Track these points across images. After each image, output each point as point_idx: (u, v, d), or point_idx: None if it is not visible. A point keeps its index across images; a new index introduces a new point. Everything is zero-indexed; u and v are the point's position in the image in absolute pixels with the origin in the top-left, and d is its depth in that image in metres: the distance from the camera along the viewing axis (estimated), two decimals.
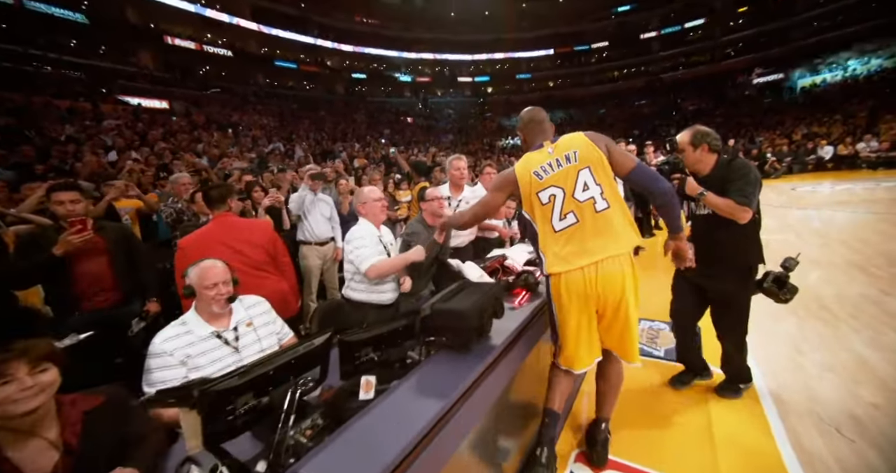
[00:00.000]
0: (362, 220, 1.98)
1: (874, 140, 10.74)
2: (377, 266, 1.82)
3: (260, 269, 2.07)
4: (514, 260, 2.29)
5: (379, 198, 1.99)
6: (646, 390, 2.02)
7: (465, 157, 2.86)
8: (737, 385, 1.85)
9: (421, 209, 2.36)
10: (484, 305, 1.21)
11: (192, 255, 1.90)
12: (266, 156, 7.38)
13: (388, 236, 2.07)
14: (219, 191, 2.13)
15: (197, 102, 17.27)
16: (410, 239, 2.21)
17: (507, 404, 1.39)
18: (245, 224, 2.16)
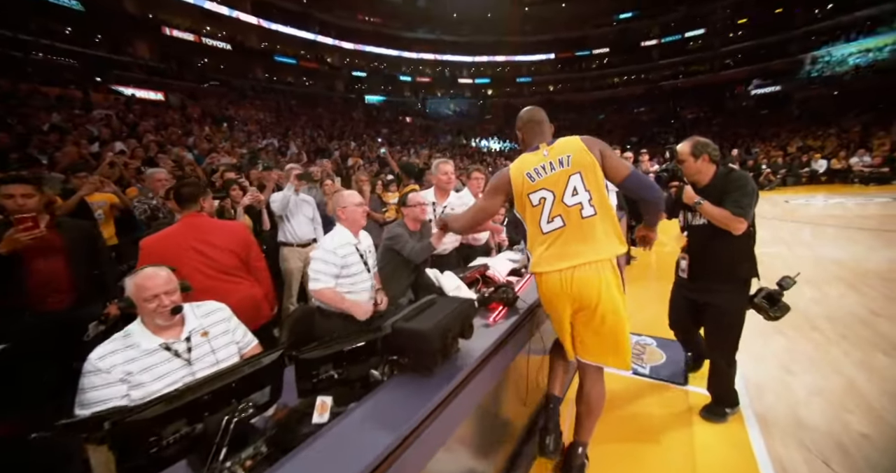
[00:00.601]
0: (339, 228, 1.86)
1: (867, 155, 10.83)
2: (322, 293, 1.74)
3: (229, 274, 1.95)
4: (496, 271, 2.20)
5: (360, 203, 1.88)
6: (627, 411, 1.95)
7: (453, 161, 2.77)
8: (723, 408, 1.80)
9: (402, 214, 2.26)
10: (449, 325, 1.12)
11: (154, 257, 1.80)
12: (257, 151, 7.24)
13: (366, 242, 1.97)
14: (190, 189, 2.01)
15: (193, 95, 17.03)
16: (393, 244, 2.12)
17: (475, 429, 1.30)
18: (216, 225, 2.05)
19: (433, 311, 1.17)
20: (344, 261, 1.77)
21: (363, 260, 1.85)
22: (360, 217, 1.87)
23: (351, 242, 1.82)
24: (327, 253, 1.74)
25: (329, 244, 1.78)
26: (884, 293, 3.15)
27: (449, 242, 2.58)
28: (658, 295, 3.39)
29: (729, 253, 1.65)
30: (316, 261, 1.75)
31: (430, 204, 2.52)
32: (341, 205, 1.85)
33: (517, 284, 2.06)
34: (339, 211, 1.85)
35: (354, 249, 1.82)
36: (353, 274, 1.81)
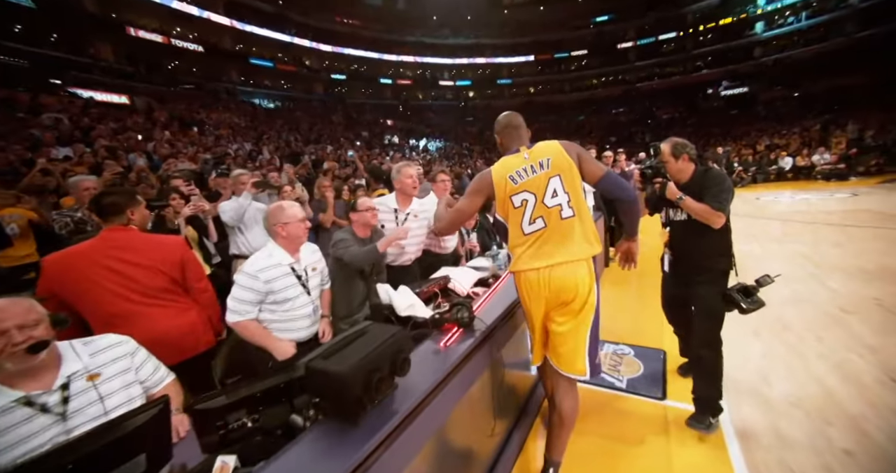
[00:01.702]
0: (271, 247, 1.61)
1: (826, 152, 11.34)
2: (243, 327, 1.53)
3: (156, 297, 1.69)
4: (458, 283, 2.03)
5: (303, 219, 1.63)
6: (601, 430, 1.80)
7: (415, 164, 2.59)
8: (707, 417, 1.75)
9: (350, 220, 2.06)
10: (376, 363, 0.94)
11: (53, 278, 1.54)
12: (223, 157, 6.86)
13: (310, 258, 1.73)
14: (113, 198, 1.74)
15: (163, 98, 16.31)
16: (335, 250, 1.92)
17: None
18: (143, 241, 1.77)
19: (359, 345, 0.98)
20: (269, 287, 1.52)
21: (302, 282, 1.62)
22: (302, 233, 1.63)
23: (284, 262, 1.58)
24: (248, 279, 1.50)
25: (251, 267, 1.52)
26: (852, 289, 3.15)
27: (410, 251, 2.39)
28: (637, 300, 3.31)
29: (708, 247, 1.73)
30: (235, 288, 1.51)
31: (393, 210, 2.34)
32: (281, 220, 1.58)
33: (482, 296, 1.90)
34: (277, 227, 1.58)
35: (289, 270, 1.59)
36: (287, 299, 1.57)
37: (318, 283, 1.74)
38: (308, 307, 1.64)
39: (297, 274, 1.61)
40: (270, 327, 1.58)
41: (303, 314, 1.62)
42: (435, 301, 1.83)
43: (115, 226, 1.73)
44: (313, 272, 1.70)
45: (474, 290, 2.13)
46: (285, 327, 1.60)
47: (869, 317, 2.61)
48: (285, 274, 1.57)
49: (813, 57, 20.48)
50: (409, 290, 1.74)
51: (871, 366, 2.03)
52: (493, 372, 1.56)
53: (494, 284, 2.08)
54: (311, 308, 1.66)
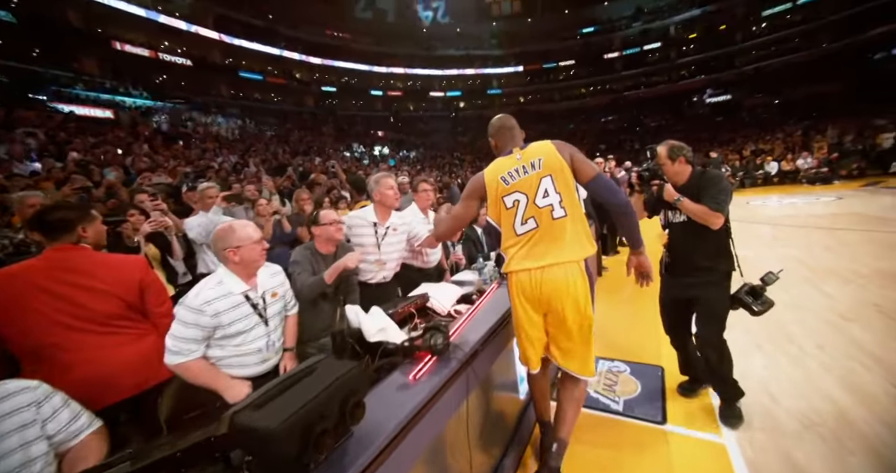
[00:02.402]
0: (221, 274, 1.38)
1: (809, 157, 11.63)
2: (186, 369, 1.29)
3: (106, 324, 1.51)
4: (438, 301, 1.87)
5: (259, 240, 1.43)
6: (595, 458, 1.63)
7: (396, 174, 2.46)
8: (734, 407, 1.79)
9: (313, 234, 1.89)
10: (321, 411, 0.77)
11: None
12: (205, 170, 6.68)
13: (270, 282, 1.52)
14: (62, 214, 1.56)
15: (149, 112, 16.15)
16: (293, 271, 1.75)
17: None
18: (95, 261, 1.56)
19: (300, 390, 0.81)
20: (217, 321, 1.31)
21: (259, 311, 1.42)
22: (258, 256, 1.42)
23: (236, 291, 1.37)
24: (191, 313, 1.28)
25: (195, 299, 1.29)
26: (849, 295, 3.06)
27: (389, 268, 2.23)
28: (632, 312, 3.17)
29: (707, 248, 1.73)
30: (175, 324, 1.29)
31: (371, 224, 2.17)
32: (231, 244, 1.36)
33: (464, 315, 1.74)
34: (228, 252, 1.36)
35: (243, 299, 1.38)
36: (240, 332, 1.37)
37: (279, 310, 1.53)
38: (264, 339, 1.44)
39: (252, 303, 1.40)
40: (220, 363, 1.38)
41: (258, 347, 1.42)
42: (411, 322, 1.67)
43: (63, 244, 1.55)
44: (273, 299, 1.49)
45: (456, 308, 1.96)
46: (238, 362, 1.39)
47: (870, 324, 2.51)
48: (238, 305, 1.36)
49: (791, 66, 21.24)
50: (381, 312, 1.58)
51: (879, 377, 1.91)
52: (475, 403, 1.39)
53: (478, 300, 1.93)
54: (268, 340, 1.46)
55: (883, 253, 4.01)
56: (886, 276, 3.36)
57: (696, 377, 2.01)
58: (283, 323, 1.59)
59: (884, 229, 4.95)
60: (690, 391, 2.00)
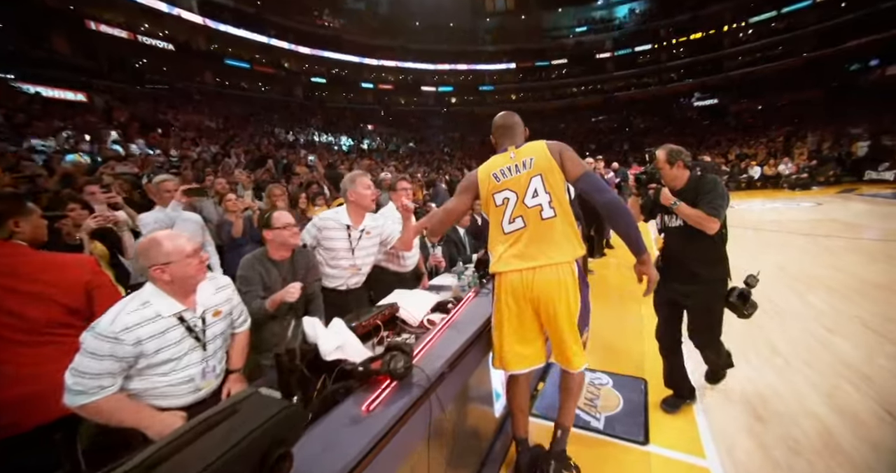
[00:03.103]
0: (149, 292, 1.15)
1: (790, 162, 11.91)
2: (91, 410, 1.04)
3: (43, 333, 1.31)
4: (409, 310, 1.72)
5: (193, 252, 1.20)
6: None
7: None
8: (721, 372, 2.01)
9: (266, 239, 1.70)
10: (236, 468, 0.62)
11: None
12: (181, 160, 6.34)
13: (209, 301, 1.28)
14: None
15: (126, 97, 15.39)
16: (239, 288, 1.56)
17: None
18: (31, 261, 1.36)
19: (214, 439, 0.65)
20: (139, 350, 1.08)
21: (195, 334, 1.20)
22: (194, 272, 1.19)
23: (166, 313, 1.15)
24: (104, 343, 1.03)
25: (109, 326, 1.05)
26: (831, 304, 3.04)
27: (362, 272, 2.06)
28: (617, 320, 3.07)
29: (703, 253, 1.73)
30: (79, 357, 1.04)
31: (344, 227, 1.96)
32: (157, 261, 1.13)
33: (437, 327, 1.60)
34: (155, 271, 1.13)
35: (175, 322, 1.16)
36: (169, 359, 1.14)
37: (222, 330, 1.32)
38: (199, 365, 1.22)
39: (188, 326, 1.19)
40: (143, 395, 1.15)
41: (191, 374, 1.20)
42: (376, 335, 1.51)
43: None
44: (216, 318, 1.29)
45: (430, 318, 1.82)
46: (166, 392, 1.17)
47: (854, 338, 2.47)
48: (167, 329, 1.14)
49: (775, 72, 21.78)
50: (342, 325, 1.42)
51: (866, 397, 1.86)
52: (439, 431, 1.25)
53: (454, 310, 1.78)
54: (205, 366, 1.24)
55: (862, 261, 4.04)
56: (867, 285, 3.37)
57: (679, 393, 1.95)
58: (229, 342, 1.39)
59: (861, 236, 5.04)
60: (674, 407, 1.93)
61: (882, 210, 7.12)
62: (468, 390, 1.50)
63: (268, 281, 1.64)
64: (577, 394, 1.54)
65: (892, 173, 10.37)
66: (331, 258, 1.91)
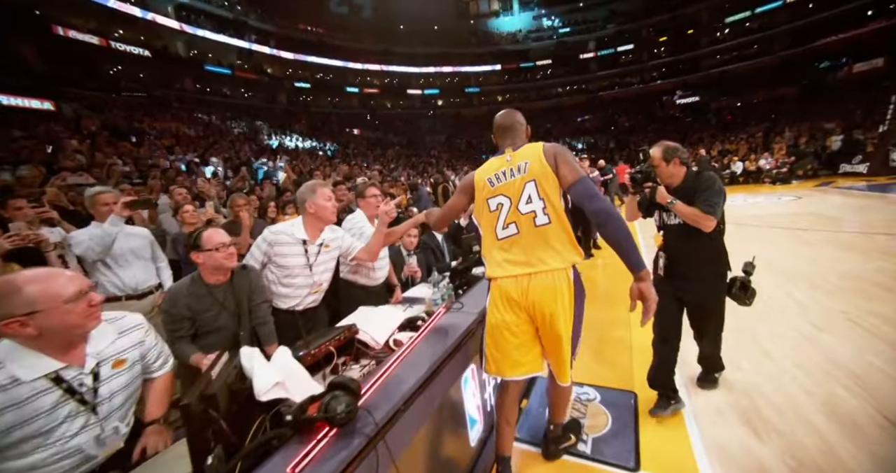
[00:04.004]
0: (6, 348, 0.90)
1: (770, 157, 12.13)
2: None
3: None
4: (370, 333, 1.55)
5: (76, 295, 0.92)
6: None
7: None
8: (713, 374, 1.99)
9: (198, 261, 1.49)
10: None
11: None
12: (148, 170, 6.03)
13: (110, 349, 1.04)
14: None
15: (99, 106, 14.85)
16: (167, 325, 1.37)
17: None
18: None
19: None
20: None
21: (80, 396, 0.95)
22: (76, 320, 0.93)
23: (30, 377, 0.89)
24: None
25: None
26: (817, 301, 2.98)
27: (323, 290, 1.88)
28: (605, 328, 2.91)
29: (701, 250, 1.73)
30: None
31: (300, 242, 1.75)
32: (17, 311, 0.86)
33: (397, 352, 1.43)
34: (9, 326, 0.86)
35: (50, 385, 0.91)
36: (37, 433, 0.88)
37: (126, 382, 1.07)
38: (89, 433, 0.97)
39: (68, 387, 0.93)
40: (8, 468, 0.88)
41: (80, 444, 0.95)
42: (328, 365, 1.33)
43: None
44: (118, 369, 1.04)
45: (398, 337, 1.65)
46: (49, 470, 0.91)
47: (842, 335, 2.39)
48: (32, 397, 0.88)
49: (752, 70, 22.37)
50: (288, 354, 1.24)
51: (862, 401, 1.75)
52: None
53: (422, 328, 1.62)
54: (100, 433, 0.99)
55: (843, 255, 4.03)
56: (848, 280, 3.33)
57: (664, 393, 1.87)
58: (137, 394, 1.13)
59: (839, 229, 5.09)
60: (663, 409, 1.85)
61: (858, 202, 7.25)
62: (435, 421, 1.33)
63: (199, 309, 1.44)
64: (567, 399, 1.58)
65: (865, 165, 10.69)
66: (284, 276, 1.71)
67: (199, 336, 1.44)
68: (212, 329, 1.44)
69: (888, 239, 4.47)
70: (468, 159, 18.47)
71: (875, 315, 2.61)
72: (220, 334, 1.45)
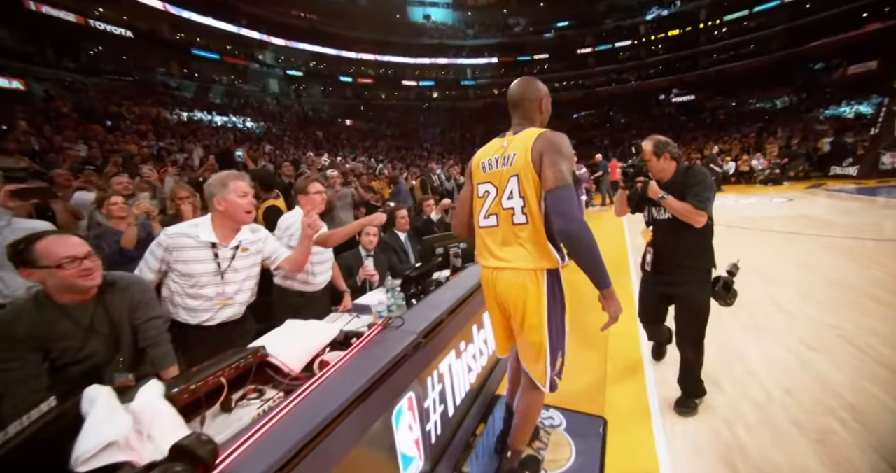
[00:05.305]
0: None
1: (763, 158, 12.09)
2: None
3: None
4: (282, 357, 1.28)
5: None
6: None
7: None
8: (693, 400, 1.83)
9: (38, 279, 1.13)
10: None
11: None
12: (108, 156, 5.63)
13: None
14: None
15: (74, 87, 14.17)
16: None
17: None
18: None
19: None
20: None
21: None
22: None
23: None
24: None
25: None
26: (807, 313, 2.78)
27: (239, 300, 1.58)
28: (576, 339, 2.68)
29: (691, 245, 1.73)
30: None
31: (208, 245, 1.45)
32: None
33: (332, 365, 1.18)
34: None
35: None
36: None
37: None
38: None
39: None
40: None
41: None
42: (199, 412, 1.06)
43: None
44: None
45: (325, 359, 1.39)
46: None
47: (833, 355, 2.19)
48: None
49: (747, 70, 22.27)
50: (156, 391, 0.97)
51: (859, 438, 1.54)
52: None
53: (349, 349, 1.35)
54: None
55: (835, 262, 3.87)
56: (840, 289, 3.15)
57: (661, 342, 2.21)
58: None
59: (831, 234, 4.94)
60: (660, 354, 2.27)
61: (847, 205, 7.15)
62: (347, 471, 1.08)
63: (53, 338, 1.11)
64: (531, 415, 1.42)
65: (855, 168, 10.67)
66: (190, 286, 1.42)
67: (60, 369, 1.13)
68: (75, 360, 1.14)
69: (878, 244, 4.32)
70: (461, 152, 18.13)
71: (865, 329, 2.43)
72: (87, 363, 1.14)
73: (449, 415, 1.64)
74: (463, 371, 1.80)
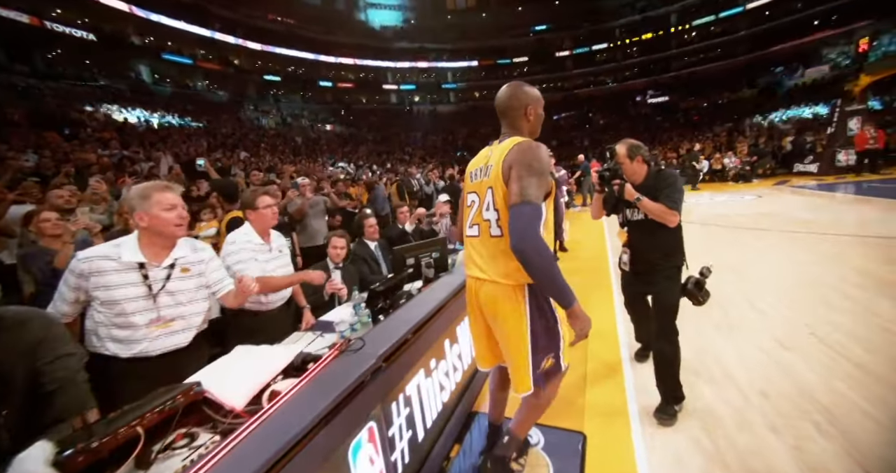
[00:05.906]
0: None
1: (733, 156, 12.56)
2: None
3: None
4: (218, 392, 1.14)
5: None
6: None
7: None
8: (672, 407, 1.79)
9: None
10: None
11: None
12: (59, 167, 5.25)
13: None
14: None
15: (29, 92, 13.34)
16: None
17: None
18: None
19: None
20: None
21: None
22: None
23: None
24: None
25: None
26: (782, 313, 2.80)
27: (179, 328, 1.40)
28: None
29: (663, 245, 1.80)
30: None
31: (135, 266, 1.28)
32: None
33: (280, 397, 1.05)
34: None
35: None
36: None
37: None
38: None
39: None
40: None
41: None
42: (128, 454, 0.91)
43: None
44: None
45: (277, 389, 1.25)
46: None
47: (807, 354, 2.19)
48: None
49: (717, 72, 23.30)
50: (37, 456, 0.81)
51: (835, 444, 1.51)
52: None
53: (302, 377, 1.22)
54: None
55: (805, 258, 3.97)
56: (807, 286, 3.22)
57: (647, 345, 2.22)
58: None
59: (799, 229, 5.11)
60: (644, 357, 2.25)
61: (810, 201, 7.46)
62: None
63: None
64: (535, 411, 1.37)
65: (815, 165, 11.27)
66: (115, 315, 1.26)
67: None
68: None
69: (840, 239, 4.47)
70: (443, 156, 18.09)
71: (835, 326, 2.46)
72: None
73: (418, 441, 1.53)
74: (434, 390, 1.69)
